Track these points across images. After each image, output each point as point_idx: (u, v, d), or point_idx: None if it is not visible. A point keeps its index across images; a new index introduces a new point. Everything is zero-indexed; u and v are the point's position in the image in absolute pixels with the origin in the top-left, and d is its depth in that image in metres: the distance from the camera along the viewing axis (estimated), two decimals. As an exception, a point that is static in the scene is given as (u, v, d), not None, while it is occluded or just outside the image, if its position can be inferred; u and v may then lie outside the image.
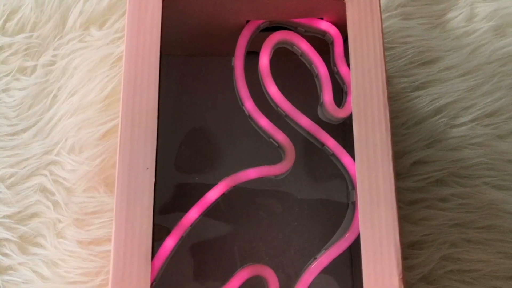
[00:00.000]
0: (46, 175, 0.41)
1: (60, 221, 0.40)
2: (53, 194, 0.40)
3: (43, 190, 0.41)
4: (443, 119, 0.42)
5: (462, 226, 0.40)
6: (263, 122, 0.38)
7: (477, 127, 0.42)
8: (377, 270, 0.30)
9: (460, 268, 0.39)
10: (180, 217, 0.35)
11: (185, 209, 0.35)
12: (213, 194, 0.36)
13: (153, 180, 0.29)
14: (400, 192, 0.41)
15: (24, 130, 0.42)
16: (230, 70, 0.39)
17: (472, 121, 0.42)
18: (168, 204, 0.38)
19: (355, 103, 0.36)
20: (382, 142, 0.35)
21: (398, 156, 0.42)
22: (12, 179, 0.41)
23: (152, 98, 0.32)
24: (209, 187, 0.36)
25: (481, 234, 0.40)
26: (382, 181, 0.34)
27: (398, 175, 0.41)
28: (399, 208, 0.31)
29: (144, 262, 0.30)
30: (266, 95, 0.39)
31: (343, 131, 0.40)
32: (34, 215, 0.40)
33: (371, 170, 0.34)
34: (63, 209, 0.40)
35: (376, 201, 0.33)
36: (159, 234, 0.35)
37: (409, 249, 0.40)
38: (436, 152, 0.42)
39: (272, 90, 0.39)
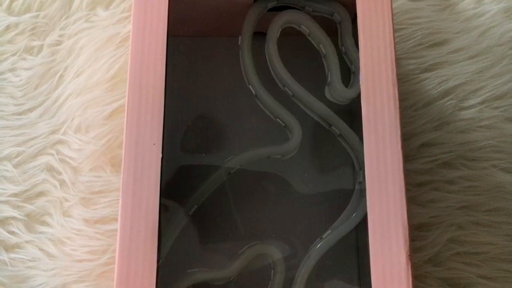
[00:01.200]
0: (52, 154, 0.41)
1: (66, 200, 0.40)
2: (59, 173, 0.40)
3: (50, 169, 0.41)
4: (451, 101, 0.42)
5: (469, 208, 0.40)
6: (270, 101, 0.38)
7: (485, 110, 0.42)
8: (385, 248, 0.29)
9: (467, 251, 0.39)
10: (187, 197, 0.35)
11: (192, 188, 0.35)
12: (219, 173, 0.36)
13: (160, 155, 0.29)
14: (407, 174, 0.40)
15: (30, 110, 0.42)
16: (237, 50, 0.39)
17: (480, 103, 0.42)
18: (174, 184, 0.37)
19: (363, 83, 0.36)
20: (391, 121, 0.35)
21: (406, 138, 0.41)
22: (19, 158, 0.41)
23: (159, 75, 0.31)
24: (215, 167, 0.36)
25: (488, 217, 0.40)
26: (390, 160, 0.33)
27: (406, 157, 0.41)
28: (406, 190, 0.31)
29: (150, 239, 0.30)
30: (273, 75, 0.39)
31: (350, 111, 0.39)
32: (40, 194, 0.40)
33: (379, 150, 0.34)
34: (69, 188, 0.40)
35: (384, 180, 0.33)
36: (165, 213, 0.35)
37: (416, 231, 0.39)
38: (444, 135, 0.41)
39: (279, 70, 0.38)
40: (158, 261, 0.33)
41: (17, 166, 0.41)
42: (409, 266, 0.28)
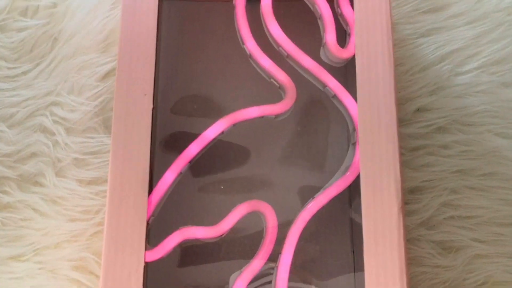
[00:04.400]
0: (46, 116, 0.41)
1: (59, 161, 0.40)
2: (53, 134, 0.40)
3: (44, 130, 0.41)
4: (448, 66, 0.41)
5: (464, 173, 0.40)
6: (264, 61, 0.38)
7: (482, 75, 0.41)
8: (376, 201, 0.29)
9: (461, 215, 0.39)
10: (179, 155, 0.35)
11: (184, 147, 0.35)
12: (213, 131, 0.35)
13: (151, 106, 0.29)
14: (402, 138, 0.40)
15: (25, 73, 0.42)
16: (232, 15, 0.39)
17: (477, 68, 0.42)
18: (166, 146, 0.37)
19: (358, 44, 0.35)
20: (385, 82, 0.35)
21: (401, 102, 0.41)
22: (13, 118, 0.41)
23: (151, 27, 0.31)
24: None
25: (483, 181, 0.39)
26: (384, 120, 0.33)
27: (401, 122, 0.41)
28: (401, 154, 0.30)
29: (141, 192, 0.30)
30: (268, 35, 0.39)
31: (345, 73, 0.39)
32: (33, 155, 0.40)
33: (373, 111, 0.34)
34: (62, 148, 0.40)
35: (377, 140, 0.33)
36: (158, 172, 0.35)
37: (410, 194, 0.39)
38: (440, 99, 0.41)
39: (274, 29, 0.38)
40: (149, 219, 0.34)
41: (11, 126, 0.41)
42: (401, 218, 0.28)
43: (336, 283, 0.37)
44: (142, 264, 0.30)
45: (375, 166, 0.31)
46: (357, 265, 0.38)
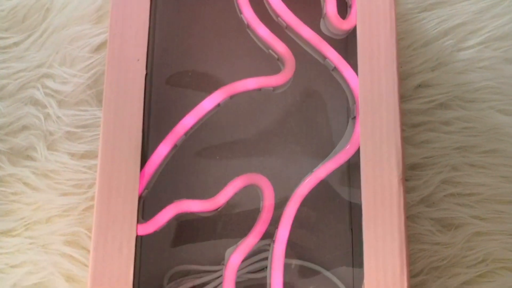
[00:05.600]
0: (38, 88, 0.39)
1: (51, 134, 0.39)
2: (44, 106, 0.39)
3: (35, 103, 0.40)
4: (450, 41, 0.40)
5: (465, 150, 0.39)
6: (262, 31, 0.36)
7: (485, 50, 0.40)
8: (376, 173, 0.28)
9: (461, 192, 0.38)
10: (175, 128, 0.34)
11: (180, 120, 0.34)
12: (209, 102, 0.34)
13: (144, 72, 0.28)
14: (402, 114, 0.39)
15: (16, 44, 0.41)
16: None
17: (480, 44, 0.41)
18: (161, 118, 0.36)
19: (360, 14, 0.34)
20: (387, 54, 0.33)
21: (402, 77, 0.40)
22: (3, 91, 0.39)
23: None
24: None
25: (484, 158, 0.39)
26: (385, 92, 0.32)
27: (402, 98, 0.40)
28: (401, 130, 0.30)
29: (133, 165, 0.29)
30: (266, 6, 0.37)
31: (345, 46, 0.38)
32: (25, 128, 0.39)
33: (374, 84, 0.33)
34: (54, 121, 0.39)
35: (378, 112, 0.32)
36: (152, 144, 0.34)
37: (410, 171, 0.39)
38: (442, 75, 0.40)
39: (273, -1, 0.37)
40: (142, 192, 0.33)
41: (1, 99, 0.39)
42: (401, 190, 0.27)
43: (334, 260, 0.37)
44: (134, 237, 0.29)
45: (376, 138, 0.30)
46: (355, 242, 0.37)
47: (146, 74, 0.28)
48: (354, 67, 0.35)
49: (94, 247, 0.28)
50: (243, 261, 0.35)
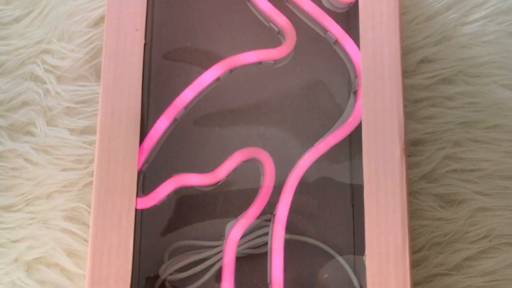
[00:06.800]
0: (37, 64, 0.39)
1: (50, 109, 0.38)
2: (44, 82, 0.39)
3: (35, 78, 0.39)
4: (454, 15, 0.40)
5: (468, 125, 0.39)
6: (263, 4, 0.36)
7: (489, 24, 0.40)
8: (378, 143, 0.28)
9: (464, 168, 0.38)
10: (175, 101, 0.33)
11: (180, 93, 0.34)
12: (208, 76, 0.34)
13: (143, 41, 0.28)
14: (405, 89, 0.39)
15: (17, 20, 0.40)
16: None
17: (484, 18, 0.40)
18: (160, 92, 0.36)
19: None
20: (390, 27, 0.33)
21: (405, 52, 0.39)
22: (3, 67, 0.39)
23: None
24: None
25: (487, 134, 0.38)
26: (388, 66, 0.32)
27: (404, 73, 0.39)
28: (404, 103, 0.29)
29: (132, 139, 0.29)
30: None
31: (347, 20, 0.37)
32: (24, 103, 0.39)
33: (376, 57, 0.32)
34: (53, 97, 0.39)
35: (380, 85, 0.31)
36: (152, 118, 0.34)
37: (412, 146, 0.38)
38: (445, 50, 0.39)
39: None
40: (142, 167, 0.33)
41: (1, 75, 0.39)
42: (404, 160, 0.27)
43: (335, 236, 0.37)
44: (133, 210, 0.29)
45: (378, 110, 0.30)
46: (357, 218, 0.37)
47: (145, 44, 0.28)
48: (356, 40, 0.34)
49: (94, 221, 0.28)
50: (243, 236, 0.36)
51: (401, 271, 0.26)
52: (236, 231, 0.31)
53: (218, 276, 0.34)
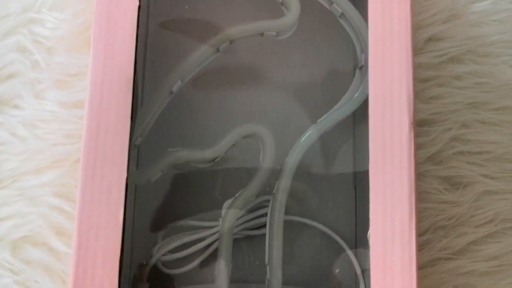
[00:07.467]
0: (24, 34, 0.37)
1: (39, 82, 0.37)
2: (32, 53, 0.37)
3: (22, 50, 0.37)
4: (464, -8, 0.38)
5: (476, 106, 0.37)
6: (266, -28, 0.34)
7: (501, 3, 0.38)
8: (386, 118, 0.27)
9: (470, 150, 0.37)
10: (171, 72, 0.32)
11: (176, 63, 0.32)
12: (207, 47, 0.32)
13: (137, 3, 0.26)
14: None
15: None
16: None
17: (496, -5, 0.39)
18: (156, 63, 0.34)
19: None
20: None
21: (412, 29, 0.38)
22: (-13, 37, 0.37)
23: None
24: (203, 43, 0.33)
25: (496, 115, 0.37)
26: (397, 38, 0.30)
27: (411, 51, 0.38)
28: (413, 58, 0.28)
29: (123, 110, 0.27)
30: None
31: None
32: (11, 76, 0.37)
33: (385, 30, 0.31)
34: (42, 69, 0.37)
35: (389, 60, 0.30)
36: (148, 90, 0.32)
37: (418, 127, 0.37)
38: (454, 28, 0.38)
39: None
40: (136, 139, 0.31)
41: (-14, 45, 0.37)
42: (412, 135, 0.26)
43: (336, 218, 0.35)
44: (124, 184, 0.27)
45: (386, 84, 0.28)
46: (359, 202, 0.36)
47: (139, 8, 0.26)
48: (363, 10, 0.33)
49: (81, 194, 0.26)
50: (241, 216, 0.34)
51: (407, 250, 0.25)
52: (233, 210, 0.30)
53: (214, 257, 0.32)
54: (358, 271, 0.33)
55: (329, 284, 0.34)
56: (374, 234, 0.26)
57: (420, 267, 0.35)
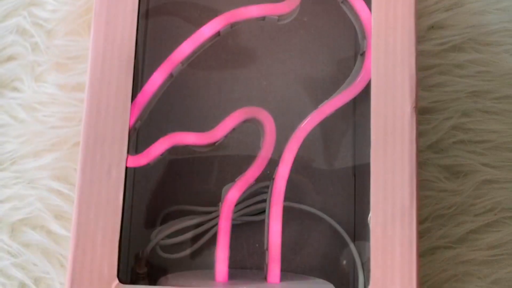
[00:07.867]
0: (24, 16, 0.37)
1: (39, 65, 0.36)
2: (32, 36, 0.37)
3: (22, 32, 0.37)
4: (467, -20, 0.38)
5: (477, 95, 0.37)
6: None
7: (504, -9, 0.38)
8: (388, 102, 0.27)
9: (471, 139, 0.37)
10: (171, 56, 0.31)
11: (177, 46, 0.32)
12: (208, 29, 0.32)
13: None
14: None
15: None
16: None
17: (499, -17, 0.38)
18: (156, 45, 0.34)
19: None
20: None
21: (414, 17, 0.38)
22: (-13, 19, 0.37)
23: None
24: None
25: (497, 104, 0.37)
26: (400, 23, 0.30)
27: (413, 38, 0.38)
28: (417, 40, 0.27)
29: (123, 92, 0.27)
30: None
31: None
32: (11, 58, 0.37)
33: (388, 15, 0.31)
34: (42, 52, 0.36)
35: (391, 46, 0.29)
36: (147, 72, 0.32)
37: (419, 115, 0.36)
38: (457, 16, 0.38)
39: None
40: (136, 122, 0.31)
41: (-15, 27, 0.37)
42: (414, 119, 0.26)
43: (335, 205, 0.35)
44: (123, 166, 0.27)
45: (388, 69, 0.28)
46: (359, 190, 0.36)
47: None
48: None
49: (81, 176, 0.26)
50: (240, 202, 0.34)
51: (407, 236, 0.25)
52: (233, 193, 0.30)
53: (212, 242, 0.32)
54: (357, 259, 0.33)
55: (329, 270, 0.34)
56: (375, 219, 0.26)
57: (420, 255, 0.35)
